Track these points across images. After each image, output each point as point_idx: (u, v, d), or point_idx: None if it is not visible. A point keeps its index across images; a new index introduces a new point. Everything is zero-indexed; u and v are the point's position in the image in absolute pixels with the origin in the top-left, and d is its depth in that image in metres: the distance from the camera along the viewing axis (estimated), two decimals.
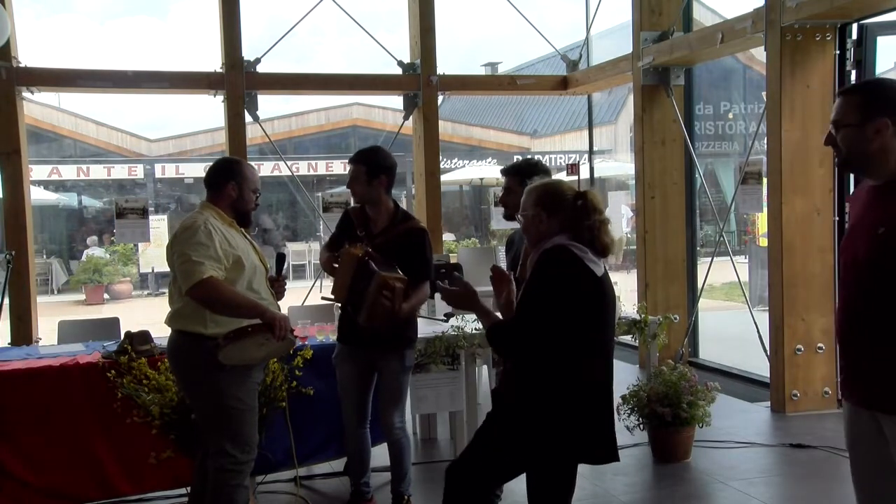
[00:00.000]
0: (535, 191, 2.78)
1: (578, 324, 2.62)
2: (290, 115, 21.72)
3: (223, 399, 3.40)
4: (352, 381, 4.01)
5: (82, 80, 7.45)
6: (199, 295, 3.28)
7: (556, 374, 2.63)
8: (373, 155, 3.95)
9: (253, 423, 3.52)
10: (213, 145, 20.03)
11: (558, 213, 2.71)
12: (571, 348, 2.63)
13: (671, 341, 6.71)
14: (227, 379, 3.38)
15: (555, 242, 2.66)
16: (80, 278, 15.86)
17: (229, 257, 3.38)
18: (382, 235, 3.92)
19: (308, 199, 11.27)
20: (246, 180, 3.57)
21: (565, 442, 2.64)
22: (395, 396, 3.97)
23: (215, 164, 3.70)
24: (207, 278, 3.25)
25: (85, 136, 20.84)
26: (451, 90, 8.41)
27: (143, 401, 4.04)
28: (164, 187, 20.58)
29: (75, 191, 20.05)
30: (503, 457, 2.71)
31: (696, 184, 7.88)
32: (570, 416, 2.63)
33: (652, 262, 7.53)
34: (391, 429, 3.99)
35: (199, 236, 3.33)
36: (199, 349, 3.34)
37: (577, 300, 2.61)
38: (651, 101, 7.48)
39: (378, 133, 21.08)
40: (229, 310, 3.34)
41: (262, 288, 3.55)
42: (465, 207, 23.23)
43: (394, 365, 3.94)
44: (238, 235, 3.54)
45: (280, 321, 3.31)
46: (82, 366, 4.25)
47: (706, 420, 4.88)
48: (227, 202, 3.55)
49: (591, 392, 2.68)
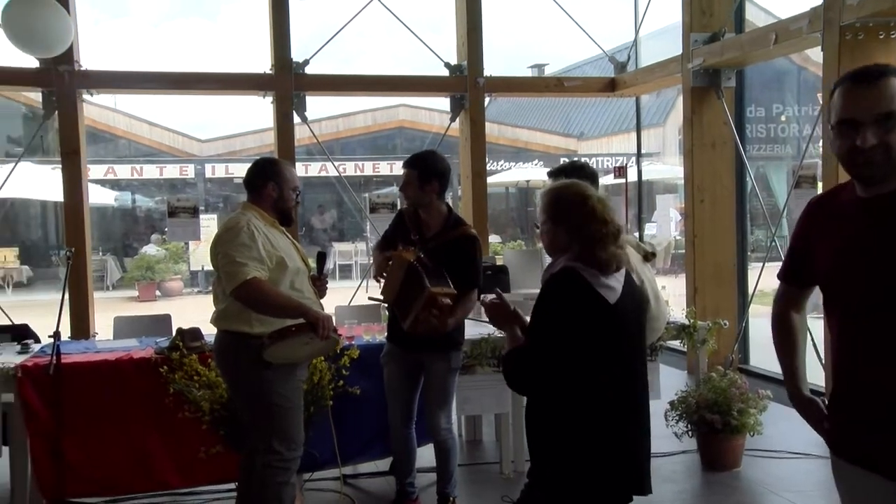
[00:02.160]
0: (543, 196, 2.49)
1: (588, 355, 2.31)
2: (338, 116, 21.89)
3: (269, 397, 3.45)
4: (399, 380, 4.03)
5: (138, 82, 7.61)
6: (243, 295, 3.32)
7: (565, 407, 2.34)
8: (425, 160, 3.97)
9: (298, 420, 3.56)
10: (261, 146, 20.29)
11: (563, 221, 2.41)
12: (582, 379, 2.33)
13: (720, 347, 6.59)
14: (272, 377, 3.42)
15: (563, 264, 2.36)
16: (134, 275, 16.19)
17: (272, 258, 3.42)
18: (434, 240, 3.93)
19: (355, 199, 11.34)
20: (285, 180, 3.61)
21: (578, 484, 2.35)
22: (442, 398, 3.97)
23: (254, 166, 3.75)
24: (251, 279, 3.29)
25: (139, 137, 21.29)
26: (498, 92, 8.39)
27: (194, 396, 4.11)
28: (214, 187, 20.90)
29: (129, 190, 20.48)
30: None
31: (746, 187, 7.74)
32: (583, 450, 2.34)
33: (701, 266, 7.42)
34: (437, 430, 3.99)
35: (243, 237, 3.38)
36: (245, 348, 3.39)
37: (582, 331, 2.30)
38: (701, 103, 7.37)
39: (424, 134, 21.13)
40: (273, 310, 3.38)
41: (306, 287, 3.58)
42: (510, 209, 23.17)
43: (441, 366, 3.94)
44: (280, 236, 3.58)
45: (323, 320, 3.33)
46: (136, 361, 4.35)
47: (757, 428, 4.78)
48: (268, 202, 3.60)
49: (605, 425, 2.35)
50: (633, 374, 2.43)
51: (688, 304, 7.13)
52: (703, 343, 5.28)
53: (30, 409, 4.15)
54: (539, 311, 2.35)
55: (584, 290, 2.31)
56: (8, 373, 4.15)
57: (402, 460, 4.17)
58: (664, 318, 4.16)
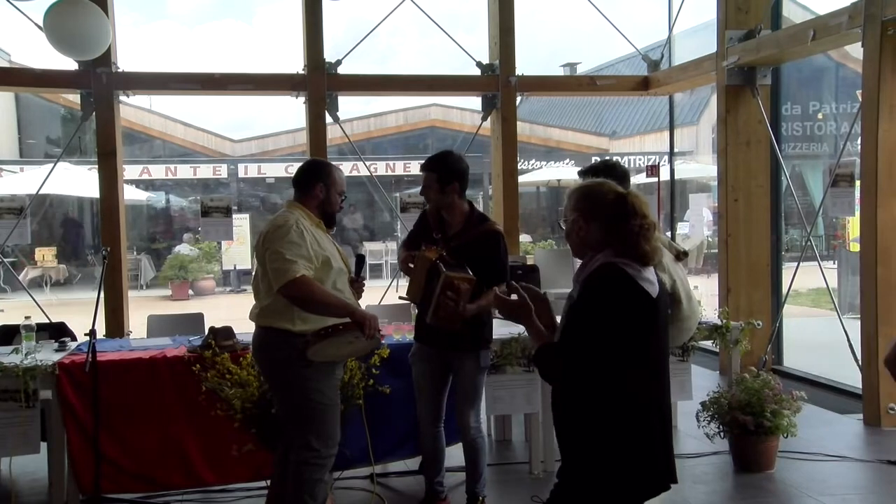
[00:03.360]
0: (573, 194, 2.51)
1: (633, 351, 2.35)
2: (369, 115, 22.01)
3: (310, 394, 3.48)
4: (427, 379, 4.05)
5: (173, 83, 7.72)
6: (292, 293, 3.36)
7: (608, 404, 2.36)
8: (443, 161, 3.96)
9: (336, 418, 3.59)
10: (294, 146, 20.45)
11: (597, 218, 2.43)
12: (624, 376, 2.36)
13: (754, 348, 6.52)
14: (313, 375, 3.46)
15: (603, 260, 2.39)
16: (167, 274, 16.39)
17: (319, 257, 3.46)
18: (457, 238, 3.94)
19: (386, 199, 11.38)
20: (334, 182, 3.66)
21: (619, 480, 2.37)
22: (471, 397, 3.99)
23: (305, 165, 3.80)
24: (300, 276, 3.33)
25: (173, 137, 21.57)
26: (530, 91, 8.38)
27: (226, 394, 4.16)
28: (247, 187, 21.09)
29: (163, 190, 20.76)
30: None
31: (781, 186, 7.66)
32: (624, 446, 2.36)
33: (734, 266, 7.34)
34: (467, 429, 4.00)
35: (292, 235, 3.42)
36: (287, 345, 3.42)
37: (631, 327, 2.34)
38: (736, 101, 7.29)
39: (456, 134, 21.15)
40: (321, 308, 3.41)
41: (346, 288, 3.63)
42: (542, 209, 23.10)
43: (469, 365, 3.95)
44: (324, 236, 3.62)
45: (370, 320, 3.38)
46: (170, 359, 4.41)
47: (791, 430, 4.72)
48: (314, 203, 3.64)
49: (645, 420, 2.39)
50: (666, 367, 2.49)
51: (720, 304, 7.06)
52: (735, 343, 5.23)
53: (68, 406, 4.24)
54: (585, 307, 2.36)
55: (630, 284, 2.34)
56: (46, 370, 4.23)
57: (431, 459, 4.18)
58: (696, 318, 4.13)
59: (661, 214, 10.62)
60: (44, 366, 4.23)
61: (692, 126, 20.33)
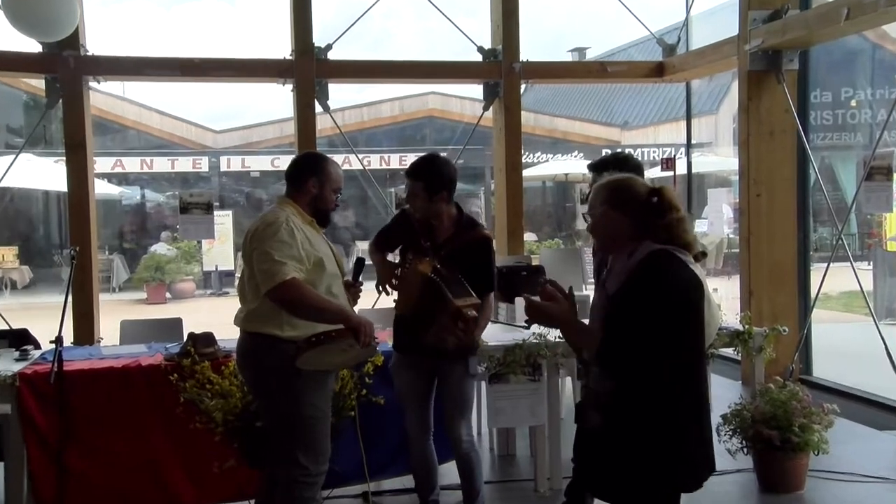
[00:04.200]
0: (604, 188, 2.71)
1: (690, 336, 2.58)
2: (362, 104, 22.00)
3: (298, 406, 3.46)
4: (412, 388, 4.04)
5: (149, 68, 7.70)
6: (282, 297, 3.34)
7: (668, 395, 2.55)
8: (430, 168, 3.93)
9: (327, 432, 3.58)
10: (280, 137, 20.44)
11: (630, 211, 2.64)
12: (684, 363, 2.57)
13: (779, 356, 6.49)
14: (303, 385, 3.44)
15: (653, 248, 2.59)
16: (142, 276, 16.37)
17: (310, 258, 3.44)
18: (448, 245, 3.93)
19: (380, 194, 11.37)
20: (328, 178, 3.63)
21: (680, 468, 2.59)
22: (461, 406, 3.98)
23: (298, 158, 3.80)
24: (290, 279, 3.31)
25: (149, 127, 21.56)
26: (535, 78, 8.37)
27: (206, 406, 4.14)
28: (230, 181, 21.09)
29: (138, 184, 20.74)
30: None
31: (809, 180, 7.63)
32: (685, 439, 2.58)
33: (757, 266, 7.33)
34: (459, 442, 3.99)
35: (282, 234, 3.39)
36: (275, 352, 3.41)
37: (691, 310, 2.56)
38: (759, 88, 7.27)
39: (455, 124, 21.17)
40: (312, 313, 3.39)
41: (341, 292, 3.61)
42: (548, 205, 23.11)
43: (457, 372, 3.95)
44: (317, 236, 3.60)
45: (366, 326, 3.35)
46: (144, 368, 4.39)
47: (823, 447, 4.66)
48: (306, 199, 3.61)
49: (701, 410, 2.64)
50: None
51: (742, 308, 7.05)
52: (759, 351, 5.20)
53: (29, 421, 4.20)
54: (644, 294, 2.52)
55: (685, 267, 2.56)
56: (5, 381, 4.17)
57: (423, 475, 4.16)
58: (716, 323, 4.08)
59: None
60: (3, 377, 4.20)
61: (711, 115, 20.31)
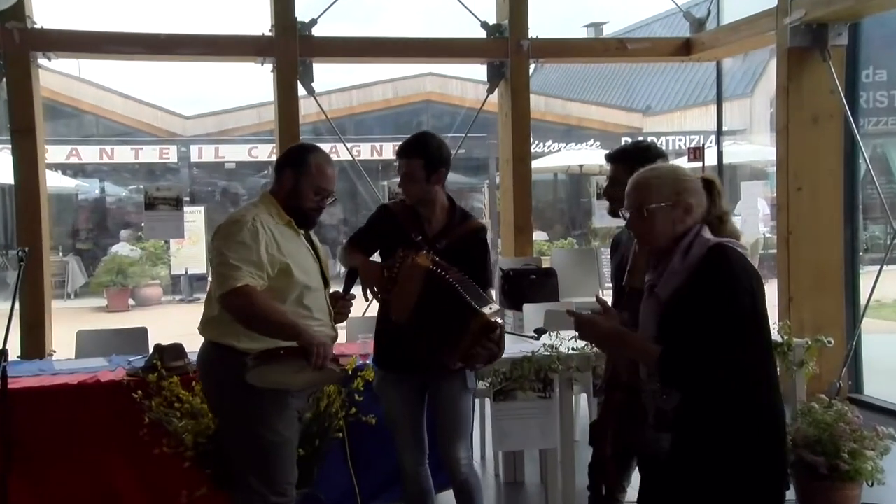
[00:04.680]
0: (667, 176, 2.79)
1: (763, 337, 2.68)
2: (352, 87, 22.00)
3: (252, 426, 3.47)
4: (402, 410, 4.03)
5: (109, 45, 7.69)
6: (231, 304, 3.37)
7: (746, 403, 2.62)
8: (428, 145, 3.95)
9: (287, 458, 3.57)
10: (259, 123, 20.44)
11: (685, 200, 2.74)
12: (759, 367, 2.66)
13: (823, 371, 6.49)
14: (258, 403, 3.44)
15: (710, 242, 2.68)
16: (102, 280, 16.36)
17: (275, 264, 3.44)
18: (444, 238, 3.92)
19: (371, 188, 11.35)
20: (307, 172, 3.60)
21: (767, 484, 2.67)
22: (458, 426, 3.98)
23: (287, 148, 3.80)
24: (241, 286, 3.32)
25: (109, 112, 21.54)
26: (546, 57, 8.37)
27: (175, 427, 4.14)
28: (202, 173, 21.08)
29: (97, 177, 20.73)
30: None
31: (858, 171, 7.62)
32: (770, 451, 2.67)
33: (797, 269, 7.32)
34: (456, 466, 3.98)
35: (243, 235, 3.41)
36: (230, 365, 3.41)
37: (758, 309, 2.64)
38: (800, 67, 7.26)
39: (456, 110, 21.15)
40: (261, 326, 3.39)
41: (317, 305, 3.59)
42: (560, 200, 23.11)
43: (452, 387, 3.94)
44: (294, 238, 3.59)
45: (318, 347, 3.30)
46: (104, 384, 4.40)
47: (877, 476, 4.62)
48: (282, 194, 3.63)
49: (780, 417, 2.73)
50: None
51: (780, 316, 7.04)
52: (800, 365, 5.20)
53: None
54: (709, 295, 2.58)
55: (747, 261, 2.67)
56: None
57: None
58: None
59: None
60: None
61: (745, 99, 20.33)
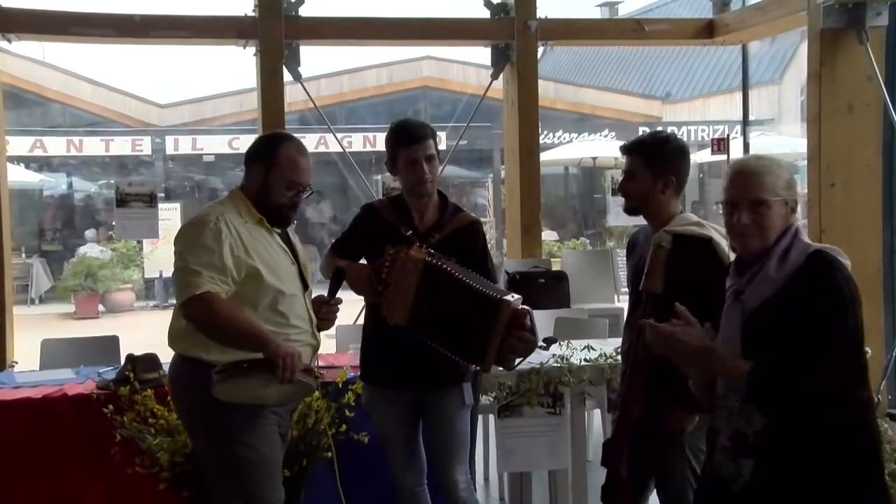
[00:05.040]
0: (781, 166, 2.77)
1: (863, 357, 2.69)
2: (342, 72, 22.00)
3: (228, 444, 3.47)
4: (395, 426, 4.04)
5: (76, 26, 7.68)
6: (192, 313, 3.36)
7: (845, 427, 2.60)
8: (430, 127, 4.03)
9: (268, 478, 3.56)
10: (240, 112, 20.46)
11: (792, 198, 2.77)
12: (863, 390, 2.66)
13: None
14: (231, 419, 3.43)
15: (811, 247, 2.68)
16: (69, 284, 16.36)
17: (241, 268, 3.42)
18: (436, 232, 3.94)
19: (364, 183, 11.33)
20: (278, 164, 3.57)
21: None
22: (455, 446, 3.98)
23: (256, 139, 3.79)
24: (202, 293, 3.31)
25: (77, 100, 21.54)
26: (556, 39, 8.37)
27: (149, 445, 4.14)
28: (178, 167, 21.09)
29: (64, 171, 20.72)
30: None
31: None
32: (875, 483, 2.65)
33: None
34: (454, 489, 3.99)
35: (205, 237, 3.39)
36: (199, 379, 3.39)
37: (859, 324, 2.63)
38: (834, 50, 7.25)
39: (456, 97, 21.16)
40: (224, 336, 3.39)
41: (294, 311, 3.57)
42: (571, 197, 23.11)
43: (449, 403, 3.94)
44: (266, 238, 3.57)
45: (284, 358, 3.28)
46: (71, 398, 4.40)
47: None
48: (252, 191, 3.61)
49: (878, 444, 2.72)
50: None
51: None
52: None
53: None
54: (813, 307, 2.56)
55: (852, 277, 2.65)
56: None
57: None
58: None
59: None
60: None
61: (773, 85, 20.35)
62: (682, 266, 3.47)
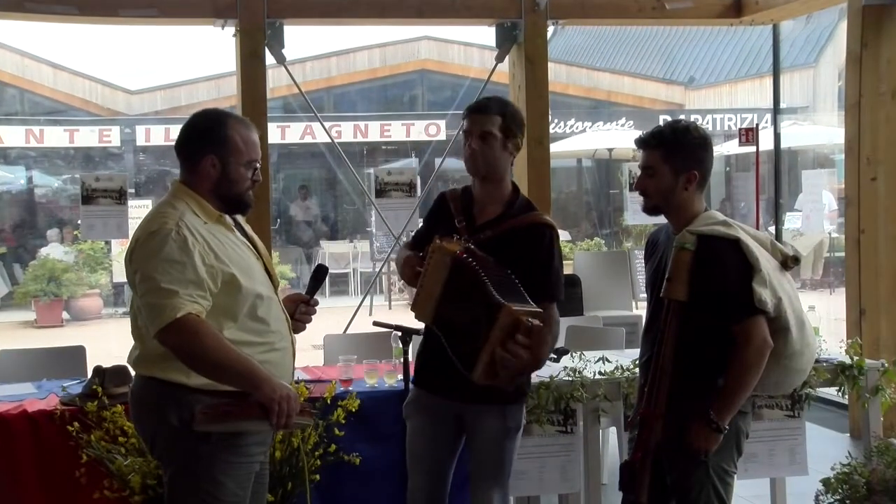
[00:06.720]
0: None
1: None
2: (330, 54, 22.00)
3: (196, 479, 3.37)
4: (427, 440, 4.03)
5: (34, 4, 7.68)
6: (173, 342, 3.23)
7: None
8: (506, 104, 3.99)
9: None
10: (217, 99, 20.41)
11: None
12: None
13: None
14: (207, 451, 3.34)
15: None
16: (30, 289, 16.33)
17: (217, 277, 3.32)
18: (491, 227, 3.92)
19: (354, 177, 11.40)
20: (233, 149, 3.45)
21: None
22: (495, 471, 3.97)
23: (186, 125, 3.58)
24: (183, 318, 3.18)
25: (37, 85, 21.51)
26: (568, 18, 8.37)
27: (119, 467, 4.15)
28: (150, 159, 21.08)
29: (22, 164, 20.71)
30: None
31: None
32: None
33: (871, 277, 7.33)
34: None
35: (170, 249, 3.26)
36: (176, 405, 3.33)
37: None
38: (877, 29, 7.26)
39: (458, 81, 21.15)
40: (211, 371, 3.28)
41: (273, 315, 3.50)
42: (585, 192, 23.10)
43: (492, 425, 3.93)
44: (229, 237, 3.48)
45: (280, 403, 3.22)
46: (32, 415, 4.39)
47: None
48: (206, 185, 3.47)
49: None
50: None
51: (849, 333, 7.05)
52: (874, 393, 5.22)
53: None
54: None
55: None
56: None
57: None
58: (812, 353, 4.13)
59: (761, 200, 10.60)
60: None
61: (808, 69, 20.35)
62: (707, 270, 3.48)
